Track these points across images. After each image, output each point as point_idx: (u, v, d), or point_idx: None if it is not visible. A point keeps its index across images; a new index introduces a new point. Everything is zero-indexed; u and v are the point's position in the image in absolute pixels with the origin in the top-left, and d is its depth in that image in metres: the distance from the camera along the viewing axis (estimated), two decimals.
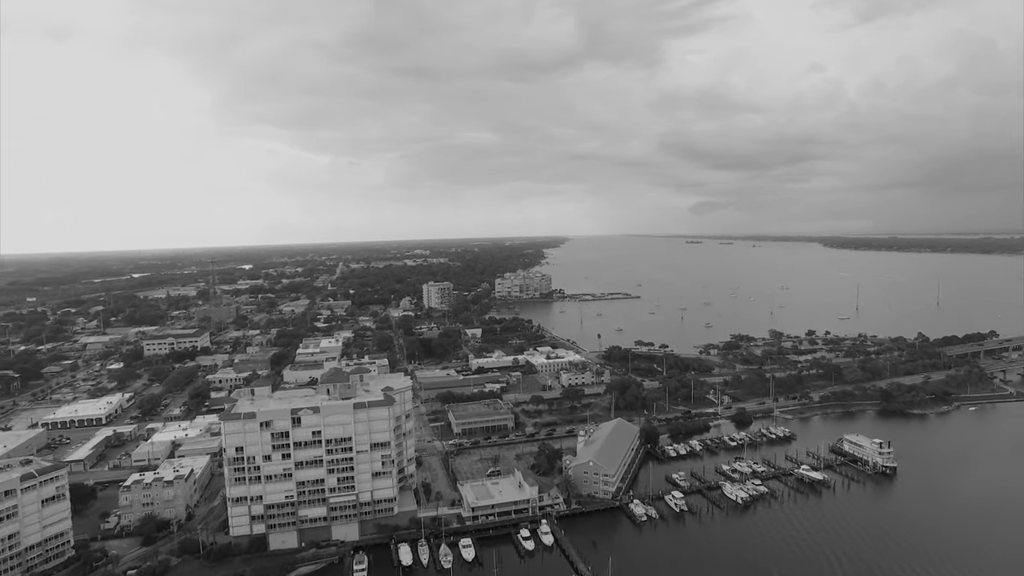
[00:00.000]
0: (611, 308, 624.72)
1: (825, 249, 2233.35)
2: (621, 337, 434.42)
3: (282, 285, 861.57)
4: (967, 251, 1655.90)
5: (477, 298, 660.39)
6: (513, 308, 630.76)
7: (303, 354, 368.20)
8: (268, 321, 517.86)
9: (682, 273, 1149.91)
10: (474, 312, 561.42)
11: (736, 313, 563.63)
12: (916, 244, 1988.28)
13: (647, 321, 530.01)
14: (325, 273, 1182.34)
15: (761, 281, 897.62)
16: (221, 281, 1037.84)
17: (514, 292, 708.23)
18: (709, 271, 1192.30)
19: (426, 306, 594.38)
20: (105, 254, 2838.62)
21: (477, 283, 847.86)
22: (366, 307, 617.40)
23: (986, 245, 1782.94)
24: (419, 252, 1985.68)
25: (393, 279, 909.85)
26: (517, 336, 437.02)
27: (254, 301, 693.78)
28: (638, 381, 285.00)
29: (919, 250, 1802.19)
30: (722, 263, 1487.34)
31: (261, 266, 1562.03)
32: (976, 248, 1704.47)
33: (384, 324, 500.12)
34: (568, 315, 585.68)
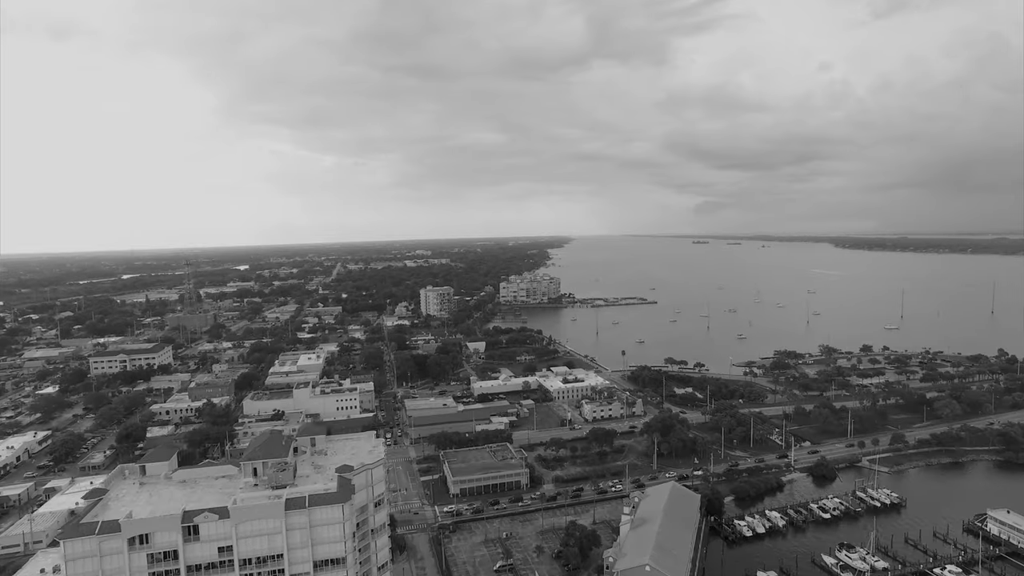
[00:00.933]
0: (627, 315, 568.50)
1: (836, 249, 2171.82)
2: (645, 352, 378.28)
3: (272, 288, 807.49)
4: (988, 252, 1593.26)
5: (480, 304, 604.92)
6: (519, 315, 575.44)
7: (277, 373, 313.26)
8: (247, 331, 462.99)
9: (695, 275, 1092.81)
10: (477, 321, 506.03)
11: (766, 322, 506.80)
12: (933, 244, 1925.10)
13: (669, 331, 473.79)
14: (321, 275, 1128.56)
15: (782, 284, 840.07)
16: (211, 283, 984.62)
17: (520, 297, 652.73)
18: (723, 273, 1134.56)
19: (424, 313, 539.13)
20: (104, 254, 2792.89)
21: (480, 286, 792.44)
22: (358, 314, 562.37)
23: (1009, 246, 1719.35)
24: (420, 253, 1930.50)
25: (391, 282, 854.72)
26: (526, 350, 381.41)
27: (238, 306, 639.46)
28: (681, 418, 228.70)
29: (937, 250, 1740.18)
30: (734, 264, 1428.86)
31: (257, 267, 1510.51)
32: (998, 249, 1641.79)
33: (376, 335, 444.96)
34: (581, 323, 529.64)
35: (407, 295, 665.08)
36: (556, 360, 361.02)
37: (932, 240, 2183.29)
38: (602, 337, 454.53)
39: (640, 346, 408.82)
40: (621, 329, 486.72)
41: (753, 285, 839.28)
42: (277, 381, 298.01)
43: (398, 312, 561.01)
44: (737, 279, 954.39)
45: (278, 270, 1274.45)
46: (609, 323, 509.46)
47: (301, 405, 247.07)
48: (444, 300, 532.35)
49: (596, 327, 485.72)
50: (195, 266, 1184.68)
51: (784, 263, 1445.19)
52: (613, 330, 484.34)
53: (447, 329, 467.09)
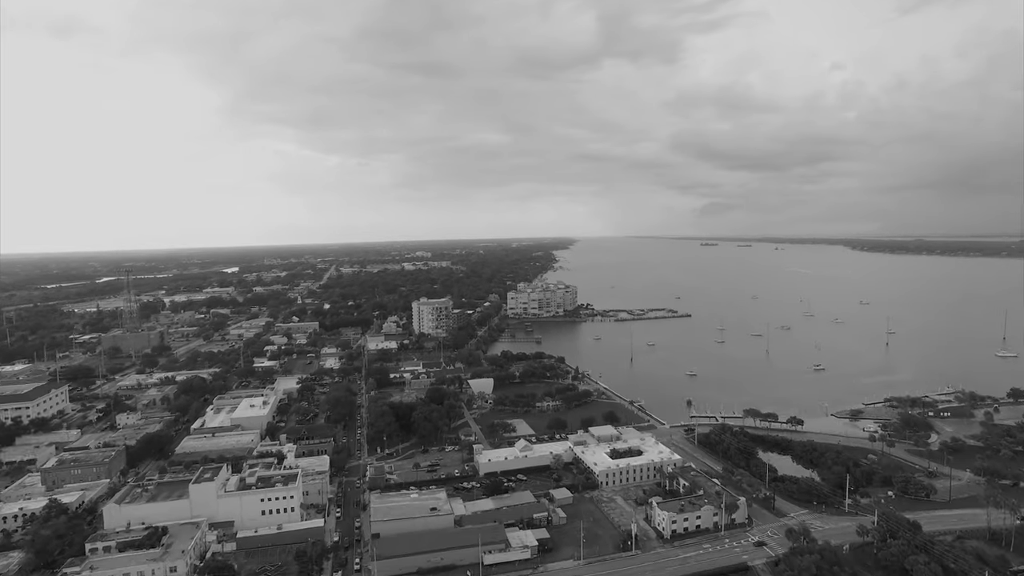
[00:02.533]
0: (660, 332, 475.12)
1: (853, 252, 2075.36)
2: (704, 391, 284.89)
3: (249, 296, 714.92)
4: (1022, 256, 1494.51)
5: (485, 318, 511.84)
6: (530, 331, 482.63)
7: (200, 433, 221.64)
8: (192, 356, 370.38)
9: (718, 281, 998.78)
10: (480, 341, 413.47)
11: (833, 342, 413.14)
12: (957, 247, 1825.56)
13: (719, 356, 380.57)
14: (310, 279, 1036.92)
15: (821, 292, 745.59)
16: (186, 288, 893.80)
17: (531, 309, 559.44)
18: (747, 278, 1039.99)
19: (416, 331, 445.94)
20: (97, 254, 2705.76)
21: (483, 294, 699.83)
22: (338, 331, 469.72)
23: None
24: (420, 255, 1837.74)
25: (383, 288, 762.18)
26: (547, 389, 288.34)
27: (202, 319, 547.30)
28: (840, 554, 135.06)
29: (966, 254, 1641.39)
30: (754, 268, 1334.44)
31: (248, 268, 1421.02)
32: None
33: (354, 362, 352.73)
34: (607, 344, 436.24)
35: (400, 306, 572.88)
36: (589, 404, 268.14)
37: (954, 243, 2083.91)
38: (640, 365, 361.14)
39: (693, 381, 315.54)
40: (660, 353, 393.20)
41: (790, 293, 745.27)
42: (195, 447, 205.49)
43: (386, 329, 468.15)
44: (768, 286, 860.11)
45: (267, 273, 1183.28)
46: (643, 344, 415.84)
47: (203, 509, 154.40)
48: (441, 316, 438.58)
49: (629, 351, 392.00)
50: (204, 266, 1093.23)
51: (806, 267, 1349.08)
52: (650, 354, 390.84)
53: (444, 354, 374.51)
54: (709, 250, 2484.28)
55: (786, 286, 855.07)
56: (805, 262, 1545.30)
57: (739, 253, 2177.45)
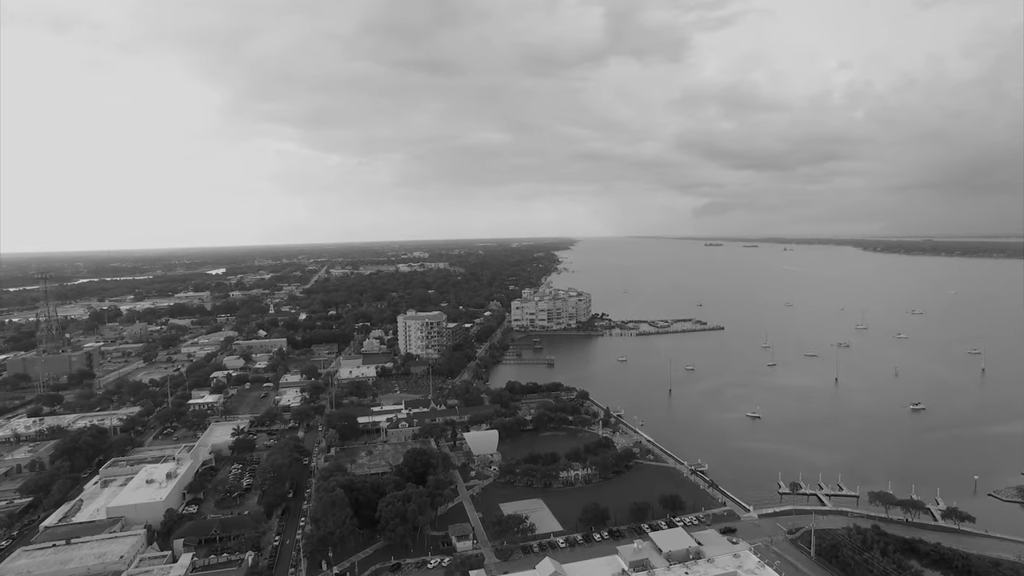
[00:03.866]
0: (694, 351, 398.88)
1: (865, 253, 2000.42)
2: (773, 438, 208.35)
3: (221, 303, 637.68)
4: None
5: (486, 332, 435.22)
6: (539, 348, 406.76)
7: (47, 540, 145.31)
8: (118, 386, 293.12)
9: (735, 284, 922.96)
10: (481, 365, 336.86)
11: (916, 368, 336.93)
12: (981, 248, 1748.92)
13: (778, 386, 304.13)
14: (297, 281, 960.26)
15: (861, 300, 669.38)
16: (158, 293, 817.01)
17: (539, 320, 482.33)
18: (766, 282, 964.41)
19: (403, 350, 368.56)
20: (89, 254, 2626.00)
21: (484, 299, 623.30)
22: (310, 350, 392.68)
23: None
24: (417, 255, 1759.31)
25: (372, 294, 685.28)
26: (568, 437, 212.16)
27: (157, 332, 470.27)
28: None
29: (989, 255, 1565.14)
30: (768, 271, 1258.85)
31: (237, 269, 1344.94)
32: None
33: (319, 395, 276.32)
34: (635, 367, 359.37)
35: (387, 316, 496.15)
36: (633, 470, 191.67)
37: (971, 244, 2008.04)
38: (682, 399, 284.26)
39: (757, 427, 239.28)
40: (703, 382, 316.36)
41: (826, 300, 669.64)
42: (30, 570, 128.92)
43: (367, 347, 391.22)
44: (797, 291, 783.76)
45: (251, 275, 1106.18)
46: (679, 368, 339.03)
47: None
48: (432, 333, 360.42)
49: (664, 378, 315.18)
50: (191, 267, 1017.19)
51: (823, 269, 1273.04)
52: (691, 383, 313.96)
53: (435, 381, 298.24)
54: (715, 250, 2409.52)
55: (818, 292, 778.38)
56: (816, 263, 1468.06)
57: (746, 254, 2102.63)
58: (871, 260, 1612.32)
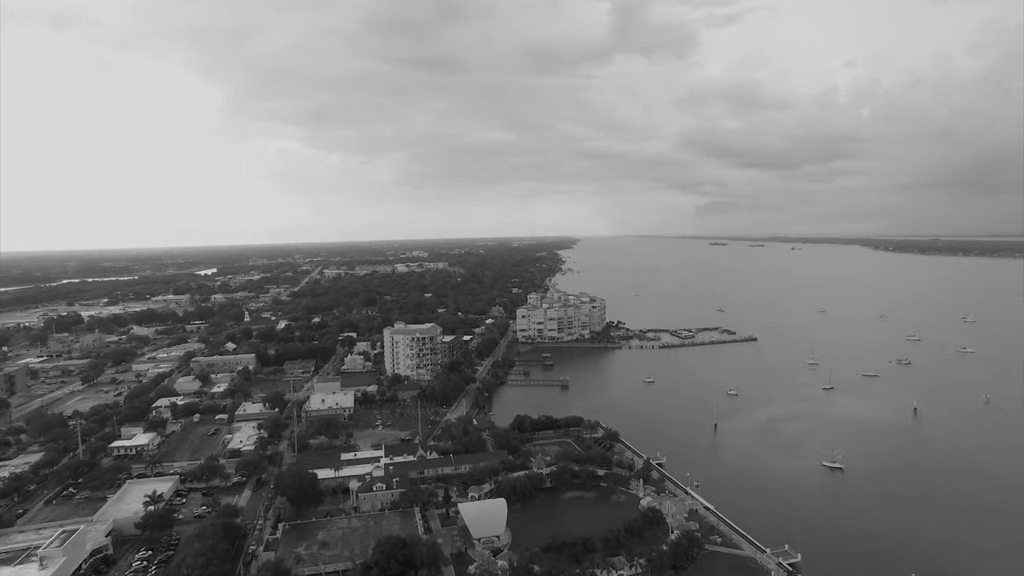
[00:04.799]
0: (730, 367, 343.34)
1: (876, 252, 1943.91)
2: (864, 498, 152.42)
3: (195, 309, 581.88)
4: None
5: (487, 344, 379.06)
6: (551, 366, 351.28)
7: None
8: (31, 419, 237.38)
9: (752, 286, 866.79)
10: (482, 391, 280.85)
11: (1004, 392, 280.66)
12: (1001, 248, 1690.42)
13: (848, 420, 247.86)
14: (288, 283, 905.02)
15: (897, 305, 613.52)
16: (135, 296, 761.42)
17: (548, 330, 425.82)
18: (783, 284, 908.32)
19: (390, 370, 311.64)
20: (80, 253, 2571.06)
21: (485, 304, 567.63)
22: (281, 370, 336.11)
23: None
24: (416, 254, 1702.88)
25: (362, 298, 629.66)
26: (599, 501, 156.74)
27: (118, 342, 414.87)
28: None
29: (1011, 254, 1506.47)
30: (783, 272, 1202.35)
31: (228, 270, 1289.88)
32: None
33: (281, 433, 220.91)
34: (665, 388, 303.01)
35: (376, 324, 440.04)
36: (696, 568, 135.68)
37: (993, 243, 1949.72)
38: (731, 438, 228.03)
39: (840, 481, 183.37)
40: (753, 412, 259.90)
41: (860, 305, 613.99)
42: None
43: (349, 365, 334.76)
44: (822, 294, 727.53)
45: (239, 276, 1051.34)
46: (721, 393, 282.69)
47: None
48: (424, 350, 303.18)
49: (707, 407, 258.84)
50: (182, 267, 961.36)
51: (838, 269, 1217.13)
52: (738, 413, 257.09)
53: (424, 415, 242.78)
54: (720, 250, 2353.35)
55: (847, 295, 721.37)
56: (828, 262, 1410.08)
57: (753, 253, 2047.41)
58: (886, 260, 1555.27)
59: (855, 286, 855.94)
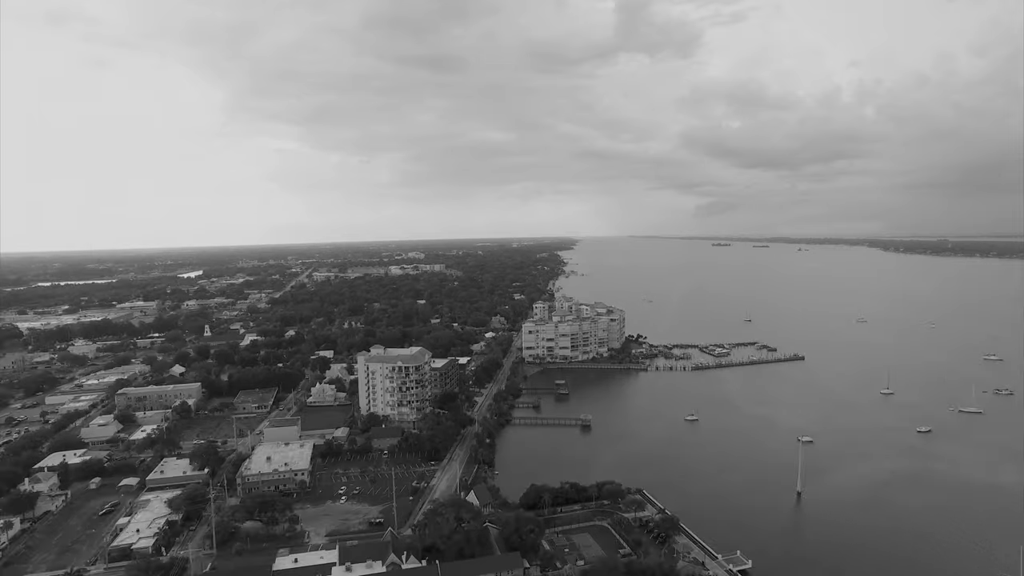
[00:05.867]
0: (783, 397, 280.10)
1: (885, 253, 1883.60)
2: None
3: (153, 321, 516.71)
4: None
5: (488, 367, 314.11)
6: (565, 395, 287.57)
7: None
8: None
9: (769, 292, 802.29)
10: (484, 433, 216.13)
11: None
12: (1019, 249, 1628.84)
13: (974, 485, 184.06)
14: (273, 287, 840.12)
15: (944, 311, 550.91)
16: (100, 304, 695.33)
17: (560, 347, 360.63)
18: (804, 288, 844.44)
19: (365, 409, 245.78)
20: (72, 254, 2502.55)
21: (484, 315, 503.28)
22: (232, 403, 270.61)
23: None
24: (413, 255, 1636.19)
25: (350, 305, 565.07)
26: None
27: (44, 363, 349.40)
28: None
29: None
30: (799, 275, 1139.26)
31: (215, 271, 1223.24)
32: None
33: (199, 515, 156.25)
34: (712, 431, 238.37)
35: (358, 341, 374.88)
36: None
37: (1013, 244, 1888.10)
38: (819, 508, 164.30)
39: None
40: (836, 468, 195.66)
41: (902, 313, 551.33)
42: None
43: (318, 395, 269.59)
44: (850, 300, 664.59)
45: (219, 280, 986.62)
46: (790, 439, 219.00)
47: None
48: (408, 382, 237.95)
49: (785, 469, 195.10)
50: (167, 270, 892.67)
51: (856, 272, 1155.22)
52: (825, 477, 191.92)
53: (406, 476, 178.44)
54: (724, 251, 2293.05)
55: (881, 302, 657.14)
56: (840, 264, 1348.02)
57: (759, 254, 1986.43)
58: (901, 262, 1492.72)
59: (885, 291, 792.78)
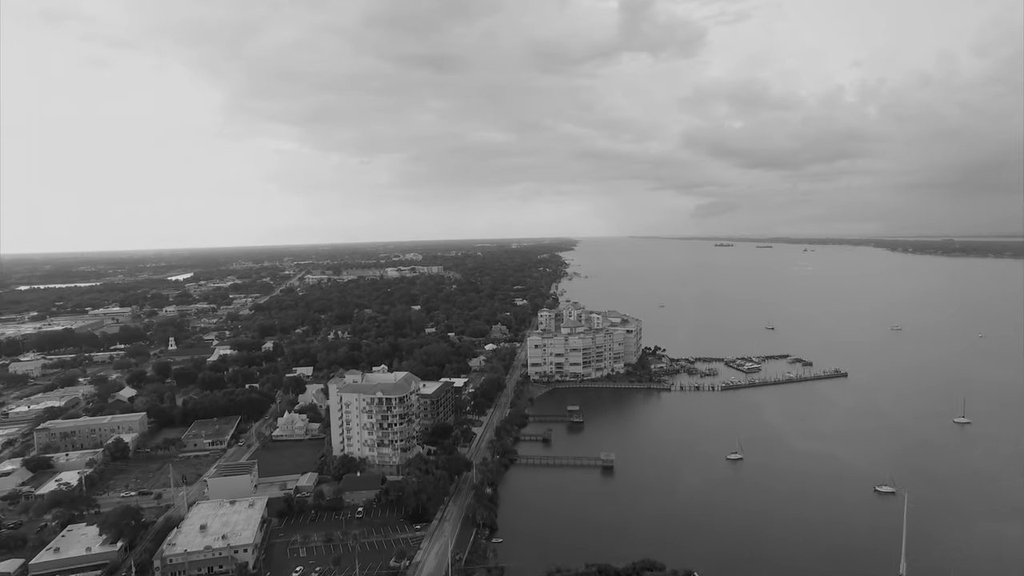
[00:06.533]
0: (827, 424, 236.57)
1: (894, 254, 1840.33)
2: None
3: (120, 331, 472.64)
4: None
5: (488, 392, 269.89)
6: (579, 423, 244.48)
7: None
8: None
9: (785, 295, 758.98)
10: (484, 480, 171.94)
11: None
12: None
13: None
14: (260, 291, 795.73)
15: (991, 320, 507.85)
16: (73, 310, 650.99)
17: (570, 363, 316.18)
18: (821, 291, 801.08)
19: (338, 448, 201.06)
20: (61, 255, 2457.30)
21: (484, 324, 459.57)
22: (178, 440, 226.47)
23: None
24: (411, 257, 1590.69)
25: (339, 312, 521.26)
26: None
27: None
28: None
29: None
30: (811, 276, 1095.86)
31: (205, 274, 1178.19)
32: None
33: None
34: (758, 475, 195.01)
35: (342, 357, 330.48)
36: None
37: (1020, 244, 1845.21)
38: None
39: None
40: (944, 541, 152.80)
41: (939, 320, 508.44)
42: None
43: (285, 427, 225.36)
44: (876, 305, 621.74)
45: (207, 283, 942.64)
46: (866, 488, 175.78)
47: None
48: (389, 418, 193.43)
49: (893, 548, 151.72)
50: (158, 272, 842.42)
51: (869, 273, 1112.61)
52: (934, 562, 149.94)
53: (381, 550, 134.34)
54: (727, 251, 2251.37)
55: (911, 307, 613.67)
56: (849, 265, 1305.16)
57: (763, 255, 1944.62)
58: (912, 263, 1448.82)
59: (909, 294, 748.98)
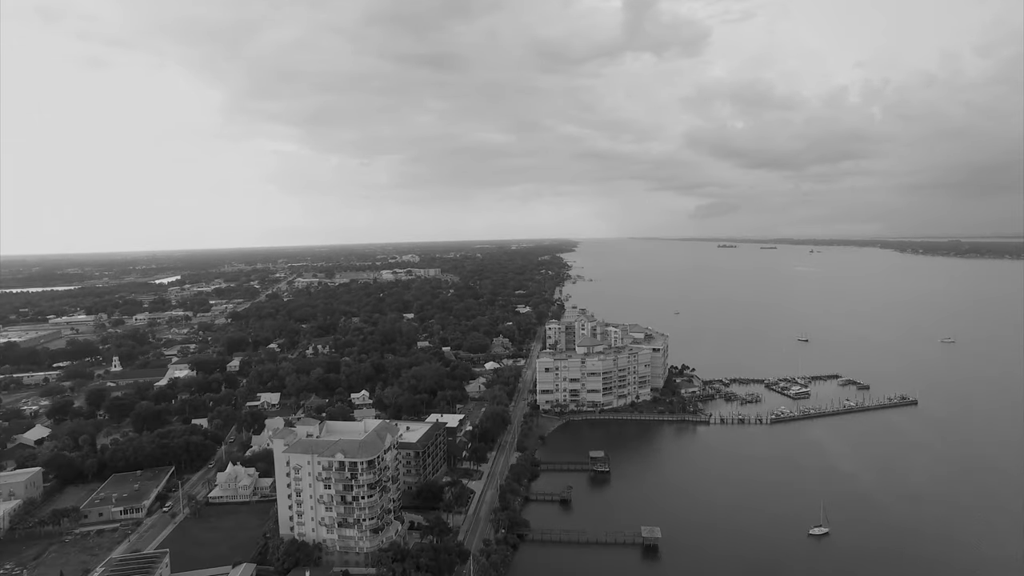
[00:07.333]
0: (913, 472, 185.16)
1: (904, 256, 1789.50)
2: None
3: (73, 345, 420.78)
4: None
5: (490, 432, 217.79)
6: (604, 473, 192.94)
7: None
8: None
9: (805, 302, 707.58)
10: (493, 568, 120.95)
11: None
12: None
13: None
14: (241, 296, 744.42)
15: None
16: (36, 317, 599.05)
17: (588, 390, 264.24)
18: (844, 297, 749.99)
19: (285, 530, 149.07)
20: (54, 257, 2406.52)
21: (485, 337, 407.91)
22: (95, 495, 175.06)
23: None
24: (408, 259, 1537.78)
25: (323, 321, 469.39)
26: None
27: None
28: None
29: None
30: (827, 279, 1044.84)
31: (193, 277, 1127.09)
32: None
33: None
34: (854, 565, 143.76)
35: (313, 383, 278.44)
36: None
37: None
38: None
39: None
40: None
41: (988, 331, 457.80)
42: None
43: (226, 484, 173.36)
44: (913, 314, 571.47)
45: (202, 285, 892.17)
46: None
47: None
48: (354, 488, 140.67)
49: None
50: (147, 274, 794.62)
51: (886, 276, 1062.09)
52: None
53: None
54: (731, 253, 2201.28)
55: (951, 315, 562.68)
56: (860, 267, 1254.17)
57: (768, 256, 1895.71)
58: (928, 265, 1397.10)
59: (944, 300, 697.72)
